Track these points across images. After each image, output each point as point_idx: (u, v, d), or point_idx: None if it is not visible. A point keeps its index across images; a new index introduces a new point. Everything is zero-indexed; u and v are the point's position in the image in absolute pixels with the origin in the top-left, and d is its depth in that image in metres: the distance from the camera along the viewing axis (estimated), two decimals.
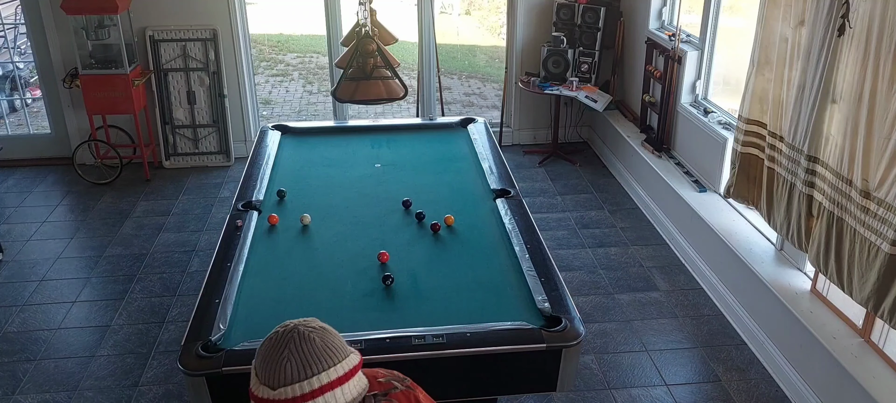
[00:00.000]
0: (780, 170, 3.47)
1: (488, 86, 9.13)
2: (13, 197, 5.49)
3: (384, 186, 3.75)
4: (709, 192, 4.53)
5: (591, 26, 5.74)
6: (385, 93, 3.07)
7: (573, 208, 5.25)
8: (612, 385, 3.49)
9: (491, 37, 11.38)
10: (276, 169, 3.98)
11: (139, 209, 5.29)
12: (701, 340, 3.81)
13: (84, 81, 5.38)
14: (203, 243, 4.80)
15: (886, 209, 2.68)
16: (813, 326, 3.22)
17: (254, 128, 6.15)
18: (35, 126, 6.96)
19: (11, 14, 8.66)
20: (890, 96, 2.65)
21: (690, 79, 4.84)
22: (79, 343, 3.82)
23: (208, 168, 5.98)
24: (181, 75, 5.79)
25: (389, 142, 4.36)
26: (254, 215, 3.41)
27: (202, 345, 2.48)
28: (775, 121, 3.51)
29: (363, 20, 3.30)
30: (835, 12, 2.97)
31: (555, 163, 6.03)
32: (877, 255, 2.73)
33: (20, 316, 4.04)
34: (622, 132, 5.58)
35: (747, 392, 3.44)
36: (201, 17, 5.69)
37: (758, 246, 3.88)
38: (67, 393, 3.47)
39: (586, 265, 4.50)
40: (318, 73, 9.57)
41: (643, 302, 4.13)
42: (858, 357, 3.02)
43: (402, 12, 10.84)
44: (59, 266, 4.56)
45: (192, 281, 4.36)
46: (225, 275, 2.89)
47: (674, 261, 4.54)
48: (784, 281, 3.56)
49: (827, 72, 3.05)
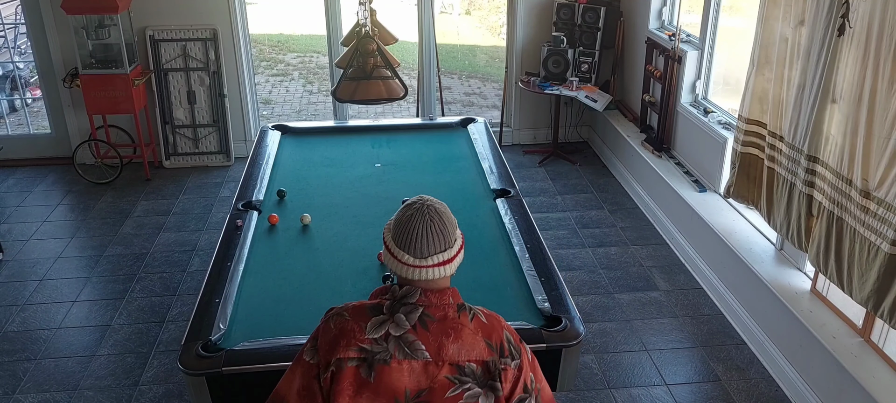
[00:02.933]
0: (780, 169, 3.47)
1: (488, 85, 9.13)
2: (13, 196, 5.50)
3: (384, 186, 3.75)
4: (709, 192, 4.53)
5: (591, 26, 5.74)
6: (385, 93, 3.07)
7: (573, 208, 5.25)
8: (612, 385, 3.49)
9: (491, 37, 11.38)
10: (276, 169, 3.98)
11: (139, 208, 5.30)
12: (701, 340, 3.81)
13: (84, 81, 5.38)
14: (203, 243, 4.80)
15: (886, 209, 2.68)
16: (813, 326, 3.22)
17: (254, 127, 6.15)
18: (35, 126, 6.97)
19: (11, 14, 8.67)
20: (890, 96, 2.66)
21: (690, 78, 4.84)
22: (79, 343, 3.82)
23: (208, 168, 5.99)
24: (181, 75, 5.79)
25: (389, 142, 4.36)
26: (254, 215, 3.41)
27: (202, 345, 2.48)
28: (775, 120, 3.51)
29: (363, 20, 3.30)
30: (835, 12, 2.97)
31: (555, 162, 6.03)
32: (877, 255, 2.73)
33: (20, 316, 4.05)
34: (622, 132, 5.58)
35: (747, 392, 3.44)
36: (201, 16, 5.69)
37: (758, 246, 3.89)
38: (67, 393, 3.47)
39: (586, 265, 4.51)
40: (318, 73, 9.57)
41: (643, 301, 4.13)
42: (858, 357, 3.02)
43: (402, 12, 10.84)
44: (59, 265, 4.56)
45: (192, 280, 4.37)
46: (225, 275, 2.90)
47: (674, 261, 4.54)
48: (784, 281, 3.56)
49: (827, 71, 3.05)
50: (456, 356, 1.58)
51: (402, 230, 1.62)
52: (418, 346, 1.57)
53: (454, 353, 1.58)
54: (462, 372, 1.58)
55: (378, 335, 1.57)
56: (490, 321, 1.65)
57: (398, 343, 1.57)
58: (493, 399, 1.59)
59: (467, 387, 1.58)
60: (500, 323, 1.67)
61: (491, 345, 1.61)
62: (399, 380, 1.56)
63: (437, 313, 1.60)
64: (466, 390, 1.58)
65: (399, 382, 1.56)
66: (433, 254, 1.60)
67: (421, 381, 1.57)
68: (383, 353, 1.56)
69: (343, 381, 1.55)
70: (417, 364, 1.57)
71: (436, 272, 1.61)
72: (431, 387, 1.57)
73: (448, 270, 1.63)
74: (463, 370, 1.58)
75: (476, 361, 1.59)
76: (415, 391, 1.57)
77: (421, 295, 1.60)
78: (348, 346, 1.57)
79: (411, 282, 1.62)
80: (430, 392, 1.57)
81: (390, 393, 1.56)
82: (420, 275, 1.61)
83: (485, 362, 1.60)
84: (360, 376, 1.56)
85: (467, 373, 1.59)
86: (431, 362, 1.57)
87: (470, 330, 1.61)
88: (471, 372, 1.59)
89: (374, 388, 1.55)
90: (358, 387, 1.56)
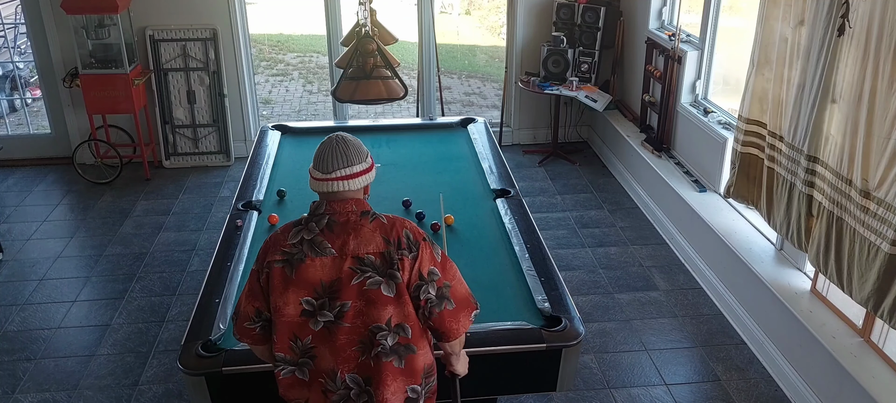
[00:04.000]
0: (780, 169, 3.47)
1: (488, 85, 9.13)
2: (13, 196, 5.50)
3: (384, 186, 3.75)
4: (709, 192, 4.53)
5: (591, 26, 5.74)
6: (385, 93, 3.07)
7: (573, 208, 5.25)
8: (611, 385, 3.49)
9: (491, 36, 11.38)
10: (276, 169, 3.98)
11: (139, 208, 5.30)
12: (700, 340, 3.81)
13: (84, 81, 5.38)
14: (203, 242, 4.80)
15: (886, 209, 2.68)
16: (813, 326, 3.22)
17: (254, 127, 6.15)
18: (35, 126, 6.97)
19: (11, 14, 8.66)
20: (890, 96, 2.66)
21: (690, 78, 4.84)
22: (79, 343, 3.82)
23: (208, 167, 5.99)
24: (181, 75, 5.79)
25: (389, 142, 4.37)
26: (254, 215, 3.41)
27: (202, 345, 2.48)
28: (775, 120, 3.51)
29: (363, 20, 3.30)
30: (835, 12, 2.97)
31: (555, 162, 6.03)
32: (876, 255, 2.73)
33: (20, 316, 4.05)
34: (622, 132, 5.58)
35: (747, 392, 3.44)
36: (201, 16, 5.69)
37: (758, 246, 3.88)
38: (67, 392, 3.47)
39: (586, 264, 4.51)
40: (318, 73, 9.57)
41: (643, 301, 4.13)
42: (858, 357, 3.02)
43: (402, 12, 10.84)
44: (58, 265, 4.56)
45: (191, 280, 4.37)
46: (225, 275, 2.90)
47: (673, 261, 4.54)
48: (784, 281, 3.56)
49: (827, 71, 3.05)
50: (356, 249, 1.92)
51: (317, 154, 1.99)
52: (325, 245, 1.93)
53: (354, 247, 1.93)
54: (362, 263, 1.92)
55: (295, 240, 1.95)
56: (390, 221, 1.99)
57: (310, 244, 1.94)
58: (394, 286, 1.93)
59: (368, 275, 1.92)
60: (402, 224, 1.99)
61: (388, 240, 1.94)
62: (314, 274, 1.93)
63: (341, 218, 1.95)
64: (368, 278, 1.92)
65: (314, 275, 1.93)
66: (336, 170, 1.95)
67: (331, 273, 1.93)
68: (299, 254, 1.93)
69: (274, 278, 1.95)
70: (327, 259, 1.93)
71: (338, 185, 1.96)
72: (339, 278, 1.92)
73: (351, 185, 1.97)
74: (363, 261, 1.92)
75: (374, 253, 1.93)
76: (328, 281, 1.93)
77: (327, 205, 1.97)
78: (275, 252, 1.96)
79: (322, 195, 1.99)
80: (339, 282, 1.92)
81: (309, 285, 1.93)
82: (327, 188, 1.96)
83: (382, 253, 1.93)
84: (284, 273, 1.94)
85: (367, 264, 1.92)
86: (337, 256, 1.93)
87: (369, 229, 1.95)
88: (370, 263, 1.92)
89: (296, 282, 1.93)
90: (284, 282, 1.94)
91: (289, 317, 1.95)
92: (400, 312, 1.95)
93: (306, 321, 1.95)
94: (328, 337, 1.95)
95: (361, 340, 1.95)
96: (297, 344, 1.97)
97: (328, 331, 1.95)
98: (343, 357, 1.95)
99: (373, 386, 1.96)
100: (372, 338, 1.94)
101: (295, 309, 1.94)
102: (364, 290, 1.92)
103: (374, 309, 1.93)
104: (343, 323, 1.94)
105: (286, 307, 1.94)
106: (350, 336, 1.94)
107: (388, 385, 1.97)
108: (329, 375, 1.97)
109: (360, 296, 1.92)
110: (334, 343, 1.95)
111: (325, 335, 1.95)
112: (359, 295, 1.92)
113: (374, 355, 1.95)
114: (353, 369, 1.97)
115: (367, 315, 1.93)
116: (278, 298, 1.94)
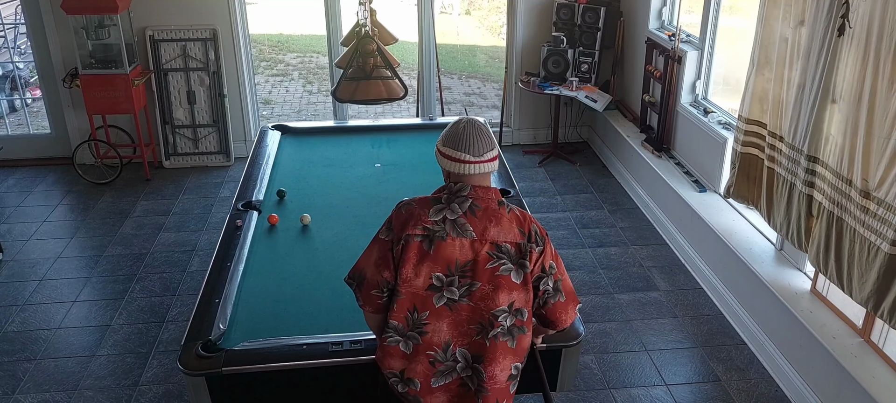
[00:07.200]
0: (780, 169, 3.47)
1: (488, 86, 9.13)
2: (13, 197, 5.49)
3: (384, 186, 3.75)
4: (709, 192, 4.53)
5: (591, 26, 5.74)
6: (385, 93, 3.07)
7: (573, 208, 5.25)
8: (611, 385, 3.49)
9: (491, 37, 11.38)
10: (276, 169, 3.98)
11: (139, 209, 5.30)
12: (701, 340, 3.81)
13: (84, 81, 5.38)
14: (203, 243, 4.80)
15: (886, 209, 2.68)
16: (813, 326, 3.22)
17: (254, 128, 6.15)
18: (35, 126, 6.97)
19: (11, 14, 8.67)
20: (890, 96, 2.66)
21: (690, 79, 4.84)
22: (79, 343, 3.82)
23: (208, 168, 5.99)
24: (181, 75, 5.79)
25: (389, 142, 4.37)
26: (254, 215, 3.41)
27: (202, 345, 2.48)
28: (775, 120, 3.51)
29: (363, 20, 3.30)
30: (835, 12, 2.97)
31: (555, 162, 6.03)
32: (876, 255, 2.73)
33: (20, 316, 4.05)
34: (622, 132, 5.58)
35: (747, 392, 3.44)
36: (201, 16, 5.69)
37: (758, 246, 3.88)
38: (67, 393, 3.47)
39: (586, 265, 4.51)
40: (318, 73, 9.57)
41: (643, 301, 4.13)
42: (858, 357, 3.02)
43: (402, 12, 10.84)
44: (59, 265, 4.56)
45: (192, 280, 4.37)
46: (225, 275, 2.90)
47: (674, 261, 4.54)
48: (784, 281, 3.56)
49: (827, 72, 3.05)
50: (496, 237, 2.03)
51: (459, 137, 2.04)
52: (467, 228, 2.02)
53: (494, 235, 2.03)
54: (499, 250, 2.03)
55: (437, 218, 2.03)
56: (522, 215, 2.09)
57: (453, 224, 2.02)
58: (522, 274, 2.03)
59: (503, 262, 2.02)
60: (531, 219, 2.10)
61: (523, 232, 2.05)
62: (451, 253, 2.01)
63: (483, 204, 2.04)
64: (502, 264, 2.02)
65: (451, 254, 2.02)
66: (485, 152, 2.04)
67: (468, 255, 2.02)
68: (441, 232, 2.01)
69: (410, 251, 2.01)
70: (466, 241, 2.02)
71: (486, 167, 2.05)
72: (475, 260, 2.02)
73: (493, 166, 2.08)
74: (500, 248, 2.03)
75: (510, 243, 2.03)
76: (463, 262, 2.02)
77: (471, 189, 2.05)
78: (415, 225, 2.02)
79: (464, 178, 2.06)
80: (474, 263, 2.02)
81: (444, 262, 2.02)
82: (475, 170, 2.04)
83: (517, 244, 2.03)
84: (422, 248, 2.02)
85: (504, 252, 2.03)
86: (477, 240, 2.02)
87: (507, 219, 2.05)
88: (506, 251, 2.03)
89: (433, 258, 2.01)
90: (421, 257, 2.02)
91: (416, 289, 2.03)
92: (521, 298, 2.05)
93: (430, 295, 2.03)
94: (447, 313, 2.04)
95: (481, 321, 2.04)
96: (413, 316, 2.05)
97: (448, 308, 2.04)
98: (460, 332, 2.04)
99: (483, 364, 2.04)
100: (492, 320, 2.03)
101: (425, 282, 2.03)
102: (496, 275, 2.02)
103: (500, 293, 2.02)
104: (468, 302, 2.03)
105: (417, 279, 2.03)
106: (471, 315, 2.04)
107: (499, 363, 2.05)
108: (442, 347, 2.05)
109: (490, 280, 2.02)
110: (454, 318, 2.04)
111: (444, 311, 2.04)
112: (490, 279, 2.02)
113: (491, 335, 2.03)
114: (464, 344, 2.06)
115: (492, 298, 2.02)
116: (410, 270, 2.02)
